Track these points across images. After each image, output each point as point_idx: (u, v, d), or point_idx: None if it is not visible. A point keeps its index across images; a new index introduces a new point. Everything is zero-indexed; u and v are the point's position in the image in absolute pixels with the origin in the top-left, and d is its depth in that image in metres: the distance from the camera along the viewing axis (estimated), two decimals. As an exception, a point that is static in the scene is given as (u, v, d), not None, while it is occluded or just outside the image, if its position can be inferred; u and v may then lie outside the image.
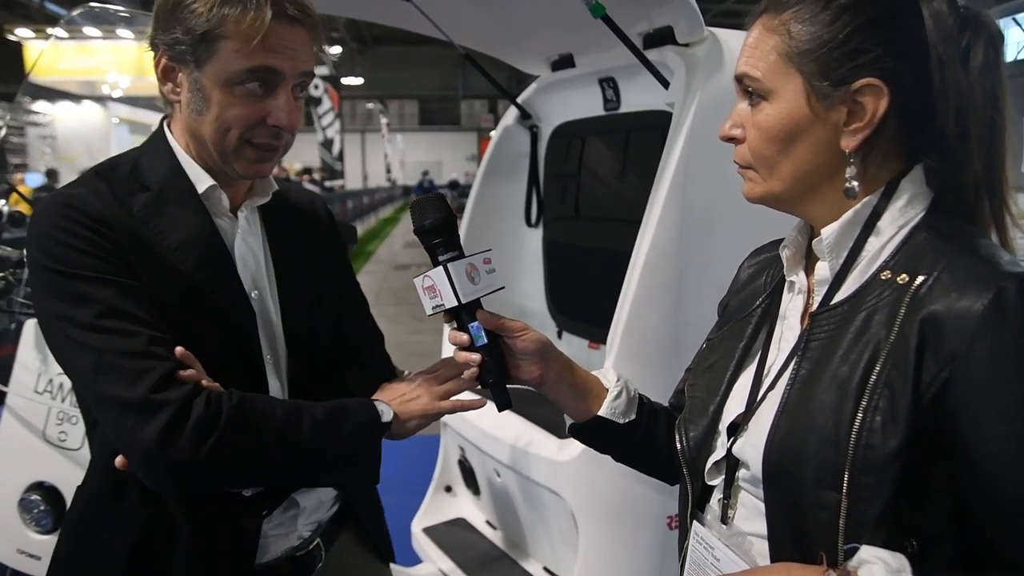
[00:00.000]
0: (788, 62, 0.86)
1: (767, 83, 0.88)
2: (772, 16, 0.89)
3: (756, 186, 0.92)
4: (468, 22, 2.38)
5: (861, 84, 0.84)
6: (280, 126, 1.11)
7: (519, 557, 2.37)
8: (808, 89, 0.86)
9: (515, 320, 1.10)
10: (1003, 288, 0.75)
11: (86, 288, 1.02)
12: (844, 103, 0.85)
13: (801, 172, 0.88)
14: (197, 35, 1.05)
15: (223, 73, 1.07)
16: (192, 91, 1.10)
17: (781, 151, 0.88)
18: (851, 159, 0.86)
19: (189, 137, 1.15)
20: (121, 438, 1.02)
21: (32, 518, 2.05)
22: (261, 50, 1.05)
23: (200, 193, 1.15)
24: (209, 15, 1.04)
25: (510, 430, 2.16)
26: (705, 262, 1.81)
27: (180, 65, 1.10)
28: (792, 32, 0.86)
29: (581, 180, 2.62)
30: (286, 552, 1.23)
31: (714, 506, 0.97)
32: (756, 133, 0.90)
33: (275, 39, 1.06)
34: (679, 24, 1.93)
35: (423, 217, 1.07)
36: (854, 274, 0.88)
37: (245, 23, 1.04)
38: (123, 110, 11.53)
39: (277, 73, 1.08)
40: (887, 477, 0.77)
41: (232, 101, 1.08)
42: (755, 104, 0.90)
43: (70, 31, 5.12)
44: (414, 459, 2.86)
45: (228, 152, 1.11)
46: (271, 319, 1.21)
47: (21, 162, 11.22)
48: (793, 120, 0.87)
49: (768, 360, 0.96)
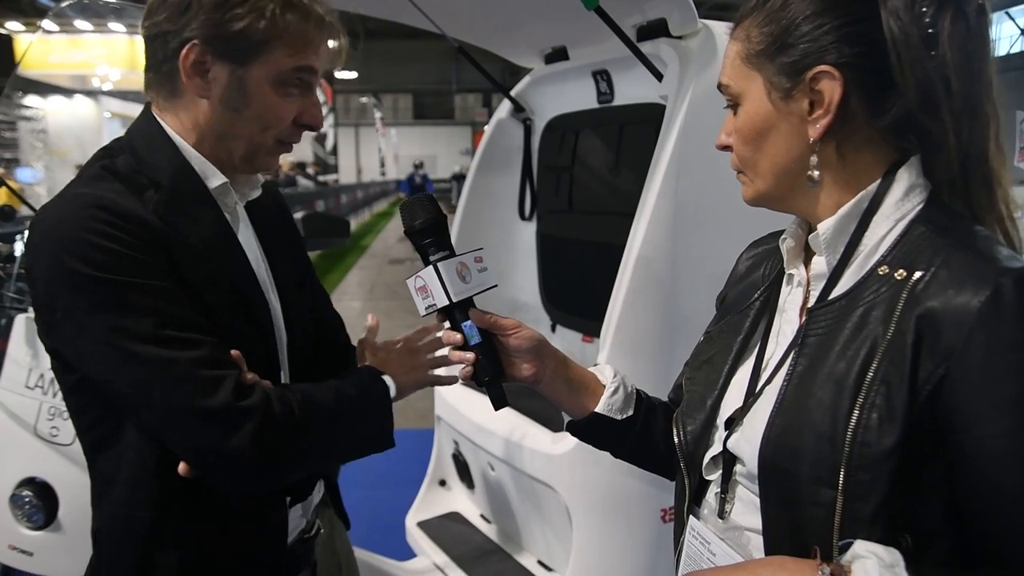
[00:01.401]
0: (748, 64, 0.90)
1: (736, 88, 0.92)
2: (739, 28, 0.92)
3: (748, 188, 0.95)
4: (461, 15, 2.37)
5: (814, 72, 0.85)
6: (313, 125, 1.15)
7: (513, 551, 2.38)
8: (767, 86, 0.89)
9: (508, 318, 1.09)
10: (1000, 284, 0.75)
11: (138, 296, 0.98)
12: (804, 94, 0.86)
13: (778, 167, 0.90)
14: (256, 38, 1.05)
15: (272, 73, 1.08)
16: (231, 88, 1.08)
17: (756, 150, 0.91)
18: (815, 147, 0.87)
19: (205, 132, 1.12)
20: (204, 449, 1.01)
21: (23, 514, 2.04)
22: (312, 52, 1.10)
23: (211, 189, 1.13)
24: (272, 19, 1.05)
25: (504, 424, 2.16)
26: (699, 255, 1.81)
27: (219, 60, 1.07)
28: (751, 36, 0.90)
29: (575, 173, 2.62)
30: (298, 535, 1.28)
31: (711, 500, 0.97)
32: (737, 137, 0.93)
33: (319, 43, 1.11)
34: (673, 16, 1.93)
35: (413, 218, 1.08)
36: (852, 269, 0.87)
37: (305, 30, 1.08)
38: (115, 104, 11.46)
39: (315, 74, 1.13)
40: (883, 474, 0.76)
41: (277, 101, 1.10)
42: (734, 110, 0.93)
43: (60, 24, 5.08)
44: (408, 453, 2.85)
45: (261, 149, 1.13)
46: (275, 309, 1.22)
47: (13, 157, 11.16)
48: (760, 117, 0.89)
49: (766, 354, 0.96)
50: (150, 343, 0.97)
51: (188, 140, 1.12)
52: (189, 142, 1.12)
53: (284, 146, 1.16)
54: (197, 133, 1.12)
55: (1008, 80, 0.92)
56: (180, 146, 1.12)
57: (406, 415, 4.55)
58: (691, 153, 1.80)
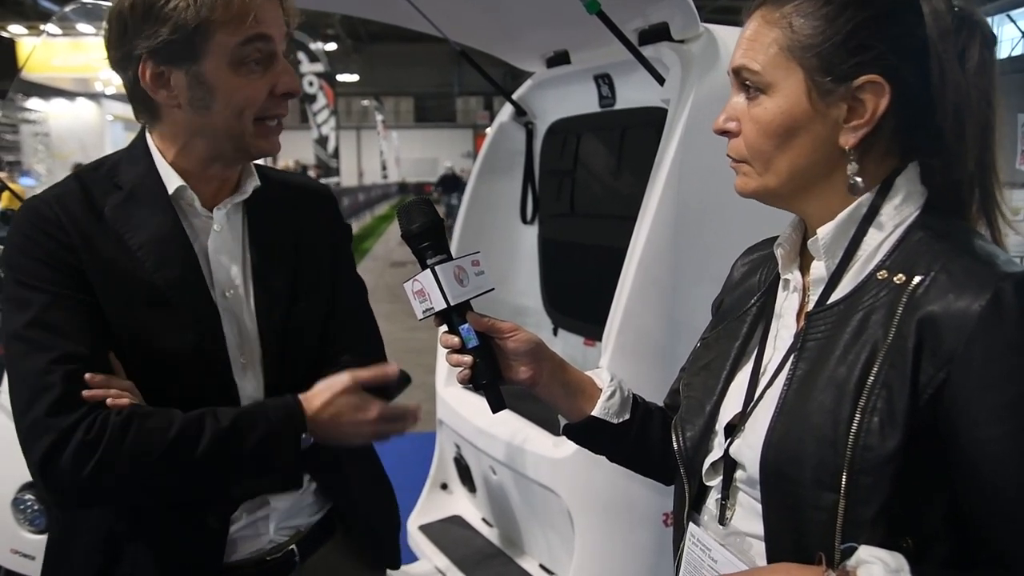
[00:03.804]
0: (789, 56, 0.85)
1: (767, 76, 0.87)
2: (773, 9, 0.88)
3: (750, 180, 0.91)
4: (463, 19, 2.37)
5: (863, 81, 0.83)
6: (290, 91, 1.14)
7: (515, 554, 2.37)
8: (809, 84, 0.85)
9: (505, 321, 1.09)
10: (1000, 289, 0.75)
11: (26, 294, 1.05)
12: (845, 99, 0.84)
13: (798, 168, 0.88)
14: (190, 29, 1.05)
15: (223, 57, 1.08)
16: (193, 88, 1.09)
17: (779, 146, 0.87)
18: (851, 156, 0.86)
19: (189, 140, 1.14)
20: (23, 449, 1.04)
21: (26, 517, 2.04)
22: (254, 23, 1.08)
23: (170, 194, 1.14)
24: (197, 6, 1.04)
25: (506, 427, 2.15)
26: (701, 258, 1.81)
27: (171, 66, 1.08)
28: (794, 26, 0.85)
29: (576, 177, 2.62)
30: (254, 554, 1.21)
31: (711, 507, 0.97)
32: (753, 127, 0.88)
33: (261, 13, 1.08)
34: (674, 20, 1.93)
35: (410, 222, 1.08)
36: (850, 273, 0.87)
37: (235, 5, 1.06)
38: (117, 107, 11.47)
39: (270, 40, 1.11)
40: (885, 478, 0.77)
41: (240, 83, 1.10)
42: (752, 98, 0.89)
43: (63, 27, 5.08)
44: (409, 457, 2.85)
45: (244, 134, 1.13)
46: (244, 319, 1.19)
47: (15, 159, 11.17)
48: (792, 115, 0.86)
49: (764, 359, 0.96)
50: (13, 339, 1.05)
51: (169, 153, 1.16)
52: (170, 154, 1.16)
53: (271, 123, 1.15)
54: (183, 144, 1.15)
55: (1009, 83, 0.94)
56: (155, 156, 1.16)
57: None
58: (693, 157, 1.80)
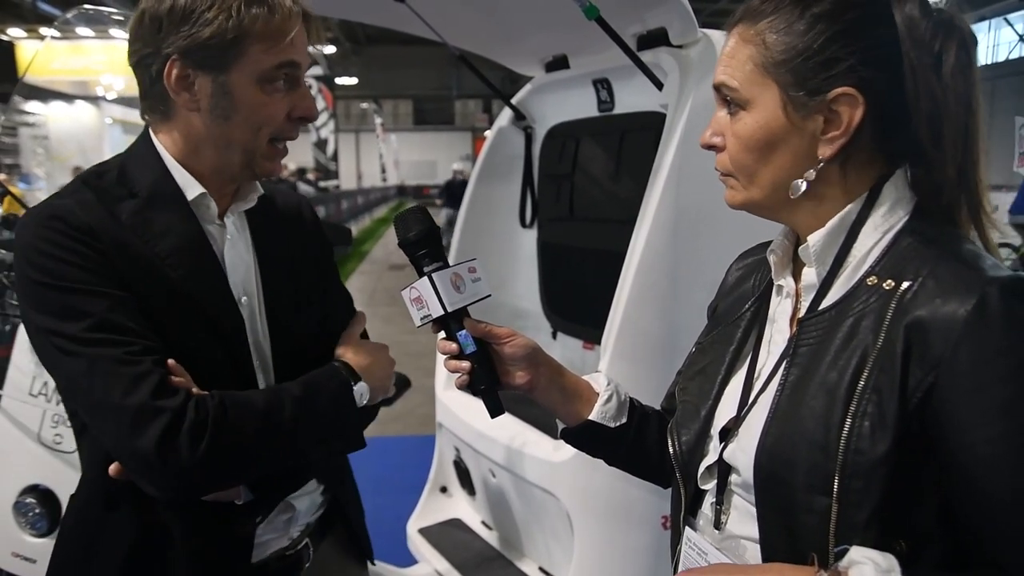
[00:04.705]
0: (764, 72, 0.87)
1: (744, 93, 0.89)
2: (748, 26, 0.90)
3: (737, 193, 0.94)
4: (462, 23, 2.38)
5: (836, 93, 0.85)
6: (307, 116, 1.15)
7: (515, 557, 2.38)
8: (784, 99, 0.87)
9: (502, 327, 1.10)
10: (986, 293, 0.76)
11: (76, 301, 1.02)
12: (820, 112, 0.86)
13: (780, 180, 0.89)
14: (228, 39, 1.06)
15: (254, 73, 1.09)
16: (217, 96, 1.10)
17: (759, 159, 0.89)
18: (820, 164, 0.87)
19: (200, 146, 1.14)
20: (118, 445, 1.02)
21: (27, 521, 2.04)
22: (288, 46, 1.09)
23: (190, 200, 1.14)
24: (238, 18, 1.05)
25: (505, 431, 2.16)
26: (699, 262, 1.81)
27: (200, 71, 1.09)
28: (767, 42, 0.87)
29: (575, 181, 2.63)
30: (276, 552, 1.25)
31: (707, 510, 0.98)
32: (735, 142, 0.90)
33: (292, 34, 1.10)
34: (673, 25, 1.93)
35: (407, 230, 1.09)
36: (840, 280, 0.88)
37: (274, 22, 1.08)
38: (116, 110, 11.48)
39: (299, 67, 1.13)
40: (876, 481, 0.78)
41: (264, 100, 1.11)
42: (733, 113, 0.91)
43: (64, 32, 5.09)
44: (409, 460, 2.86)
45: (256, 152, 1.14)
46: (258, 324, 1.21)
47: (14, 163, 11.17)
48: (770, 129, 0.88)
49: (758, 364, 0.97)
50: (78, 342, 1.01)
51: (180, 156, 1.15)
52: (180, 158, 1.15)
53: (280, 145, 1.16)
54: (192, 149, 1.14)
55: (1007, 86, 0.94)
56: (167, 160, 1.15)
57: (407, 422, 4.56)
58: (691, 161, 1.80)
